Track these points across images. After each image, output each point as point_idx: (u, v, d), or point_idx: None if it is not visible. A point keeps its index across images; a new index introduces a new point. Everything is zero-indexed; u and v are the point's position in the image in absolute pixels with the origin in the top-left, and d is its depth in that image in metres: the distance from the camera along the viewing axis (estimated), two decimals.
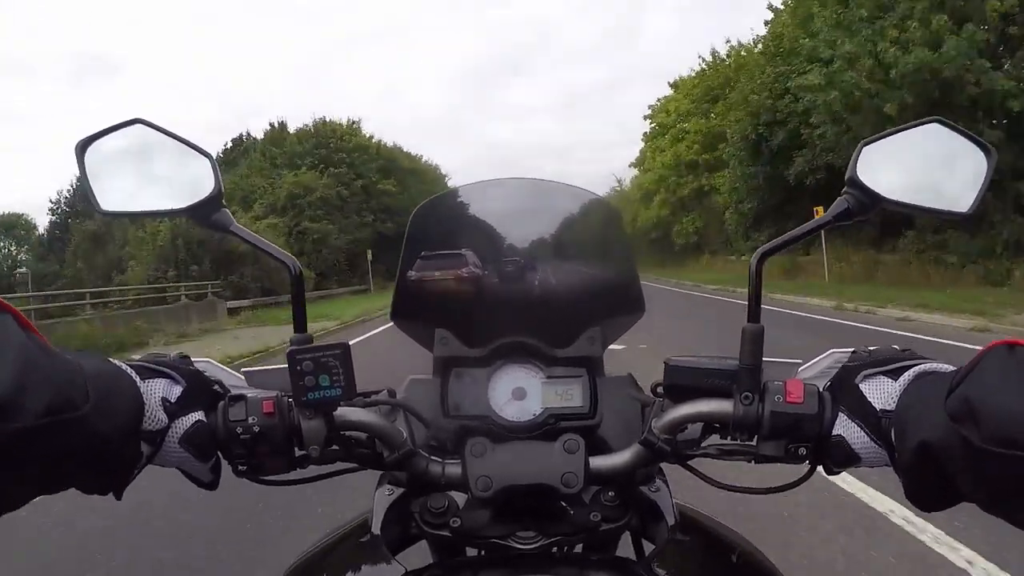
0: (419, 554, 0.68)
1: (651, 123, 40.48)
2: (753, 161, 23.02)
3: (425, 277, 0.73)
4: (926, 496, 0.51)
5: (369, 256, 27.84)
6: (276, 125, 37.88)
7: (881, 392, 0.55)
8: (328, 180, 32.30)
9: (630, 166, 44.03)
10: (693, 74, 36.52)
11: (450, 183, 41.89)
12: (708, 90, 34.24)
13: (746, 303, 0.61)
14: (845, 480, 3.12)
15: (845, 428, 0.56)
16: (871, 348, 0.60)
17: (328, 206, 31.42)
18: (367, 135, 38.08)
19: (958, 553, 2.42)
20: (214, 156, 0.65)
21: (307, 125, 36.53)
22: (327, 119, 36.73)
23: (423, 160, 44.77)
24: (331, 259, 30.00)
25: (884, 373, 0.56)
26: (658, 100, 40.14)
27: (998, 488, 0.44)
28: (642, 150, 42.39)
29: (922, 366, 0.55)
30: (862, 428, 0.55)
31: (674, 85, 38.43)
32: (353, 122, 37.70)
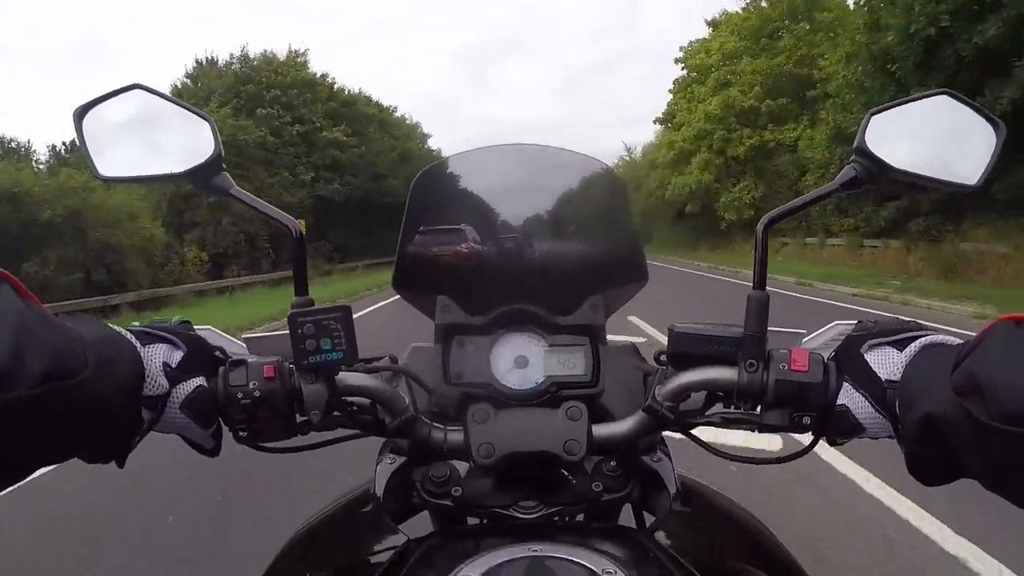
0: (421, 523, 0.68)
1: (683, 68, 30.99)
2: (881, 91, 12.96)
3: (424, 253, 0.72)
4: (928, 470, 0.51)
5: (302, 228, 12.33)
6: (204, 61, 27.28)
7: (886, 362, 0.55)
8: (247, 123, 23.09)
9: (655, 121, 34.26)
10: (740, 9, 27.27)
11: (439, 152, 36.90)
12: (766, 22, 25.63)
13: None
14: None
15: (849, 398, 0.56)
16: (875, 319, 0.60)
17: (246, 158, 22.31)
18: (316, 73, 28.39)
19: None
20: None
21: (233, 56, 27.05)
22: (268, 52, 27.52)
23: (397, 114, 35.55)
24: (232, 234, 20.21)
25: (890, 343, 0.55)
26: (691, 42, 31.03)
27: (1001, 465, 0.44)
28: (670, 103, 32.58)
29: (928, 338, 0.54)
30: (866, 398, 0.55)
31: (713, 23, 29.65)
32: (297, 53, 28.19)
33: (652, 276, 0.73)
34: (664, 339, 0.62)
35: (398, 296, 0.75)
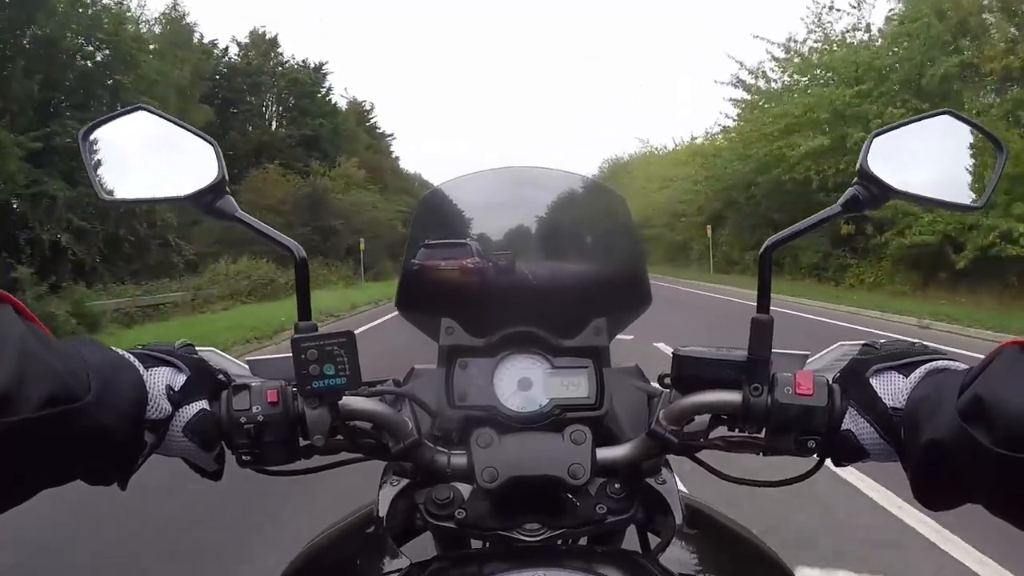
0: (424, 546, 0.68)
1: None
2: None
3: (429, 266, 0.73)
4: (933, 495, 0.51)
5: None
6: None
7: (892, 388, 0.54)
8: None
9: (731, 84, 22.16)
10: None
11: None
12: None
13: None
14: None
15: (854, 423, 0.56)
16: (881, 341, 0.60)
17: None
18: None
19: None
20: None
21: None
22: None
23: None
24: None
25: (895, 368, 0.55)
26: None
27: (1006, 491, 0.44)
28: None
29: (934, 363, 0.54)
30: (871, 424, 0.55)
31: None
32: None
33: None
34: None
35: None
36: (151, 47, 20.46)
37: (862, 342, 0.61)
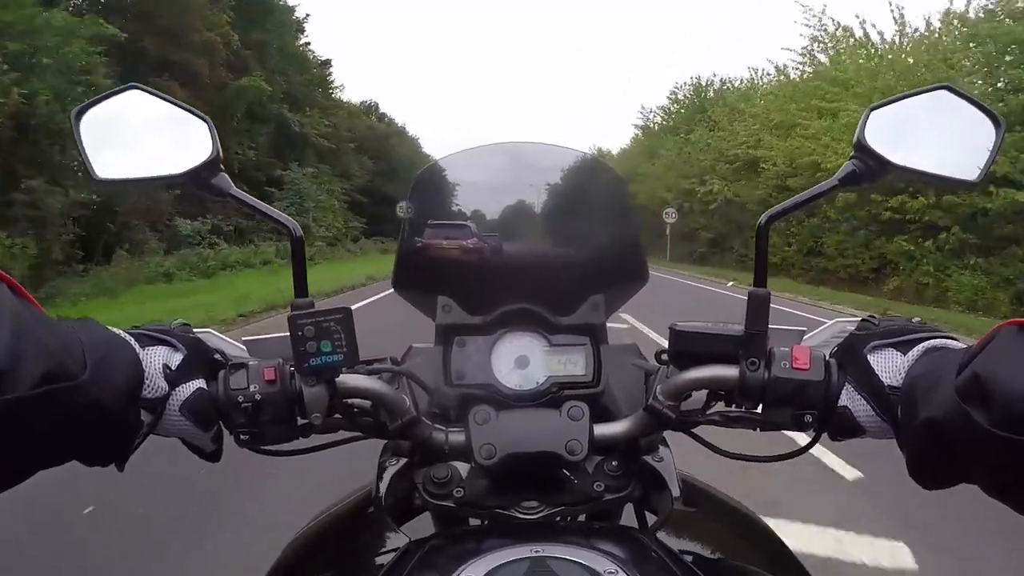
0: (423, 525, 0.68)
1: None
2: None
3: (433, 245, 0.72)
4: (929, 473, 0.51)
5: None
6: None
7: (889, 366, 0.54)
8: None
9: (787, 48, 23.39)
10: None
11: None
12: None
13: None
14: None
15: (851, 399, 0.56)
16: (879, 318, 0.60)
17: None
18: None
19: None
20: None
21: None
22: None
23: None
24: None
25: (893, 345, 0.55)
26: None
27: (1003, 472, 0.44)
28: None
29: (932, 341, 0.54)
30: (868, 401, 0.55)
31: None
32: None
33: None
34: None
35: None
36: None
37: (859, 318, 0.61)
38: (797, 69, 21.72)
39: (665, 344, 0.61)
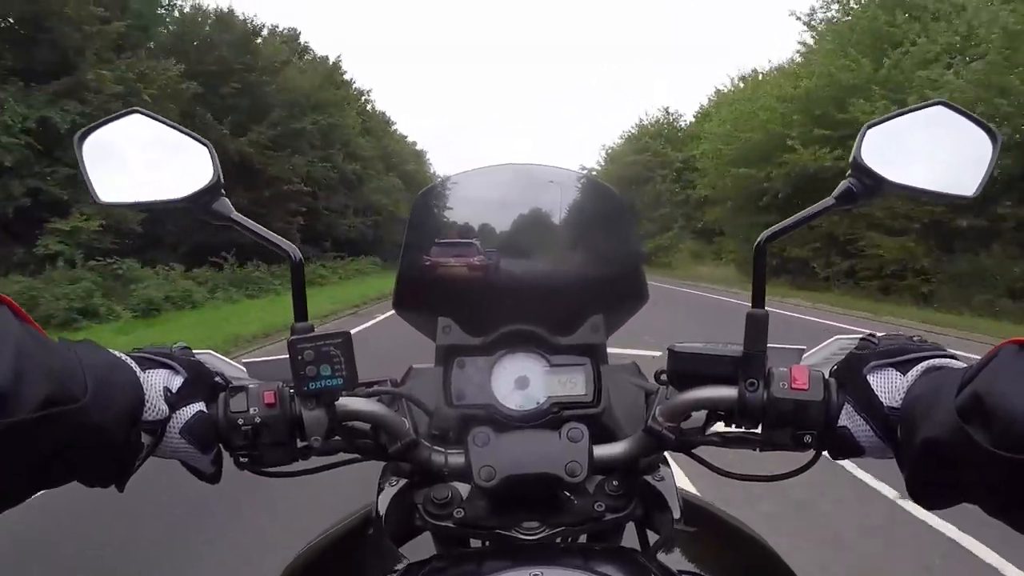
0: (423, 546, 0.68)
1: None
2: None
3: (440, 263, 0.73)
4: (929, 494, 0.51)
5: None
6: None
7: (889, 386, 0.54)
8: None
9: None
10: None
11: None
12: None
13: None
14: None
15: (851, 420, 0.55)
16: (879, 335, 0.60)
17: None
18: None
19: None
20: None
21: None
22: None
23: None
24: None
25: (893, 365, 0.55)
26: None
27: (1004, 492, 0.43)
28: None
29: (932, 361, 0.54)
30: (867, 422, 0.54)
31: None
32: None
33: None
34: None
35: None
36: None
37: (859, 336, 0.61)
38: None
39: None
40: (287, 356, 0.57)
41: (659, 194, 34.16)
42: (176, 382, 0.56)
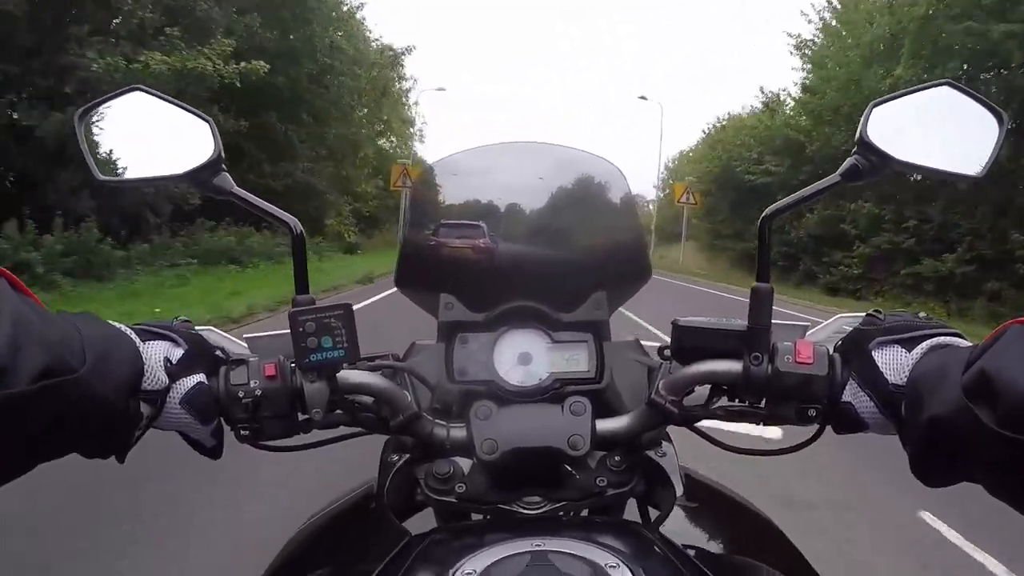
0: (425, 520, 0.68)
1: None
2: None
3: (445, 244, 0.73)
4: (931, 471, 0.50)
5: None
6: None
7: (894, 363, 0.54)
8: None
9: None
10: None
11: None
12: None
13: None
14: None
15: (855, 396, 0.55)
16: (884, 313, 0.59)
17: None
18: None
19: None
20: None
21: None
22: None
23: None
24: None
25: (898, 342, 0.55)
26: None
27: (1008, 472, 0.43)
28: None
29: (938, 338, 0.54)
30: (871, 398, 0.54)
31: None
32: None
33: None
34: None
35: None
36: None
37: (863, 313, 0.61)
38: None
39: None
40: (288, 331, 0.57)
41: None
42: (177, 353, 0.56)
